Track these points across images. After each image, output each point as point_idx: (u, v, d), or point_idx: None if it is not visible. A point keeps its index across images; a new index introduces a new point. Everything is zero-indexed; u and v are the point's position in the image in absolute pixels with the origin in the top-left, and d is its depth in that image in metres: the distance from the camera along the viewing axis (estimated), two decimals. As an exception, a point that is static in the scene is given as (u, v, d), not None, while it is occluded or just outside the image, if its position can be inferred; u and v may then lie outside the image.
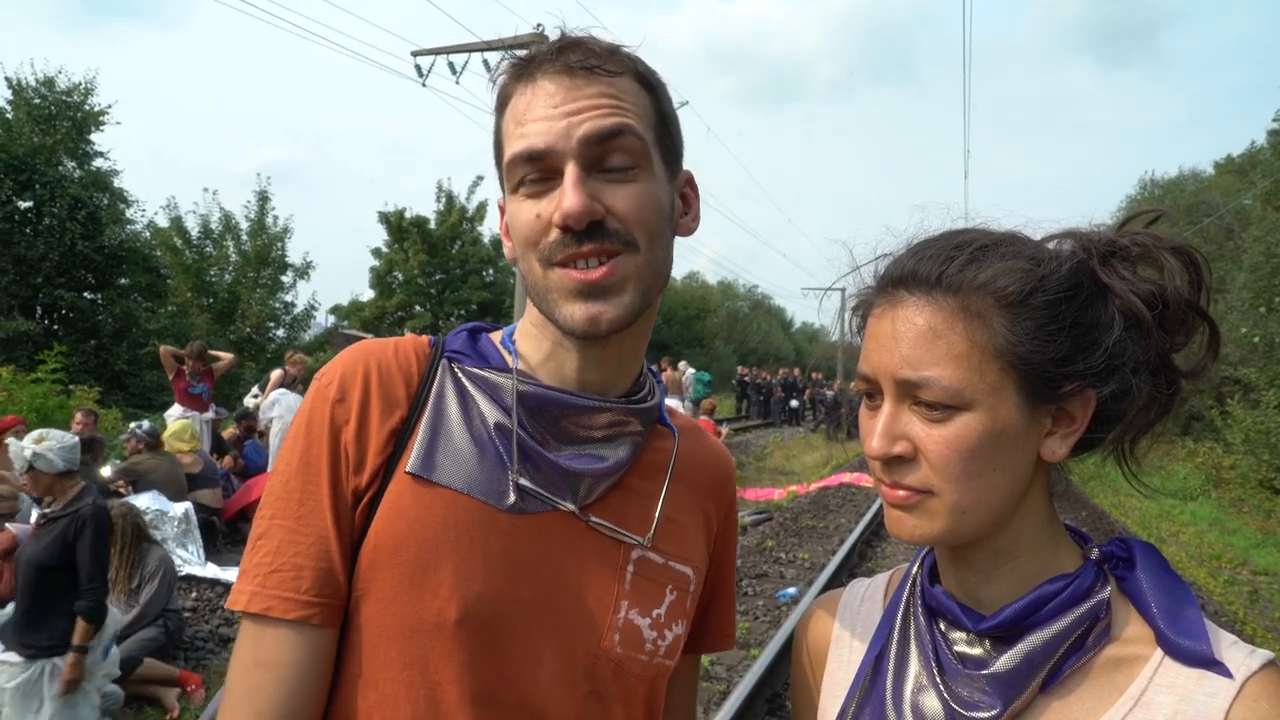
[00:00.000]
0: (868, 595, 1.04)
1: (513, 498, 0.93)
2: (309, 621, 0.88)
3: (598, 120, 0.88)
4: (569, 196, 0.86)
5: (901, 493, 0.81)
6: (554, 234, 0.89)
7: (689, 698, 1.17)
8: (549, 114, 0.88)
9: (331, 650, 0.91)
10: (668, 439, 1.08)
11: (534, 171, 0.90)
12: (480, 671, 0.90)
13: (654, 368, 1.10)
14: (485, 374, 0.97)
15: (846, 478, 14.96)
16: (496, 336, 1.05)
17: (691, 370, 20.95)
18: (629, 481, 1.01)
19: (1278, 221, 18.11)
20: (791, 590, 7.52)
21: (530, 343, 1.00)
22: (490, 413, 0.95)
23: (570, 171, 0.87)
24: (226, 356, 10.25)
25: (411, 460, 0.92)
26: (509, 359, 0.99)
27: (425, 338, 1.03)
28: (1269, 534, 12.50)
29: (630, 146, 0.89)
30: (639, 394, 1.03)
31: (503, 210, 0.98)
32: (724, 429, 17.76)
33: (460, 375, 0.98)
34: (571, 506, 0.95)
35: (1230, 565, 10.45)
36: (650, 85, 0.95)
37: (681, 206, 1.00)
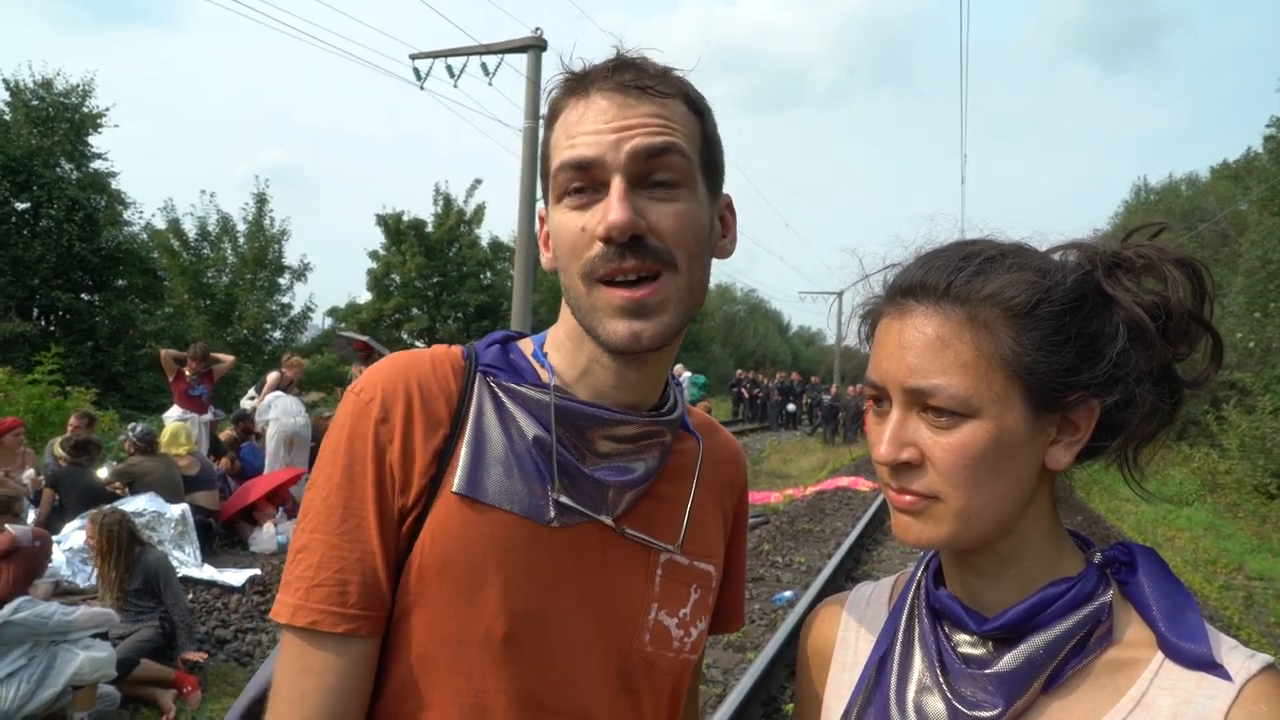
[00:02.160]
0: (873, 598, 1.05)
1: (553, 513, 0.95)
2: (355, 634, 0.91)
3: (647, 137, 0.90)
4: (615, 209, 0.88)
5: (908, 498, 0.83)
6: (597, 247, 0.90)
7: (696, 677, 1.21)
8: (599, 128, 0.90)
9: (375, 659, 0.93)
10: (691, 443, 1.11)
11: (579, 181, 0.91)
12: (526, 679, 0.93)
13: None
14: (523, 390, 0.98)
15: (843, 481, 14.98)
16: (527, 348, 1.06)
17: (688, 374, 20.97)
18: (658, 488, 1.04)
19: (1273, 227, 18.18)
20: (788, 594, 7.52)
21: (565, 356, 1.01)
22: (529, 428, 0.97)
23: (616, 184, 0.89)
24: (227, 359, 10.25)
25: (457, 480, 0.94)
26: (543, 374, 1.01)
27: (458, 349, 1.04)
28: (1264, 539, 12.53)
29: (676, 165, 0.91)
30: (666, 405, 1.05)
31: (543, 220, 1.01)
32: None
33: (498, 391, 0.99)
34: (608, 519, 0.98)
35: (1225, 570, 10.47)
36: (699, 109, 0.97)
37: (720, 229, 1.02)
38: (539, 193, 1.03)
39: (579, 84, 0.94)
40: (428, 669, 0.92)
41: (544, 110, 0.99)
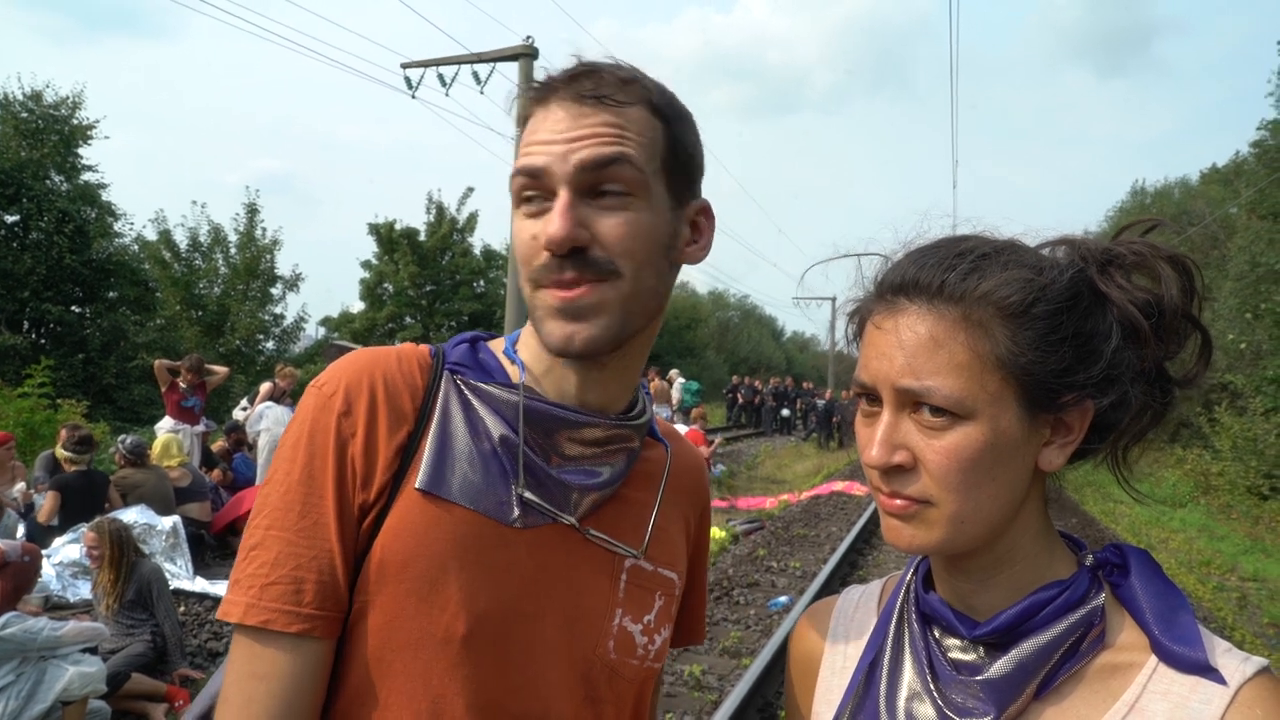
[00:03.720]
0: (861, 602, 1.04)
1: (516, 512, 0.94)
2: (310, 634, 0.88)
3: (595, 148, 0.90)
4: (555, 221, 0.89)
5: (900, 502, 0.81)
6: (543, 256, 0.91)
7: (655, 691, 1.20)
8: (552, 138, 0.91)
9: (329, 661, 0.91)
10: (659, 450, 1.11)
11: (532, 189, 0.92)
12: (485, 683, 0.91)
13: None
14: (489, 388, 0.98)
15: (838, 486, 14.98)
16: (497, 346, 1.06)
17: (681, 380, 20.96)
18: (624, 493, 1.04)
19: (1262, 230, 18.29)
20: (783, 599, 7.50)
21: (533, 354, 1.01)
22: (495, 427, 0.96)
23: (561, 197, 0.90)
24: (221, 370, 10.21)
25: (420, 477, 0.92)
26: (513, 371, 1.01)
27: (425, 347, 1.03)
28: (1257, 540, 12.57)
29: (625, 176, 0.91)
30: (634, 409, 1.05)
31: None
32: (716, 439, 17.73)
33: (464, 388, 0.99)
34: (571, 520, 0.97)
35: (1219, 571, 10.49)
36: (666, 116, 0.96)
37: (690, 235, 1.01)
38: None
39: (541, 92, 0.95)
40: (383, 673, 0.90)
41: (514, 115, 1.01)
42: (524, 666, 0.93)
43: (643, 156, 0.92)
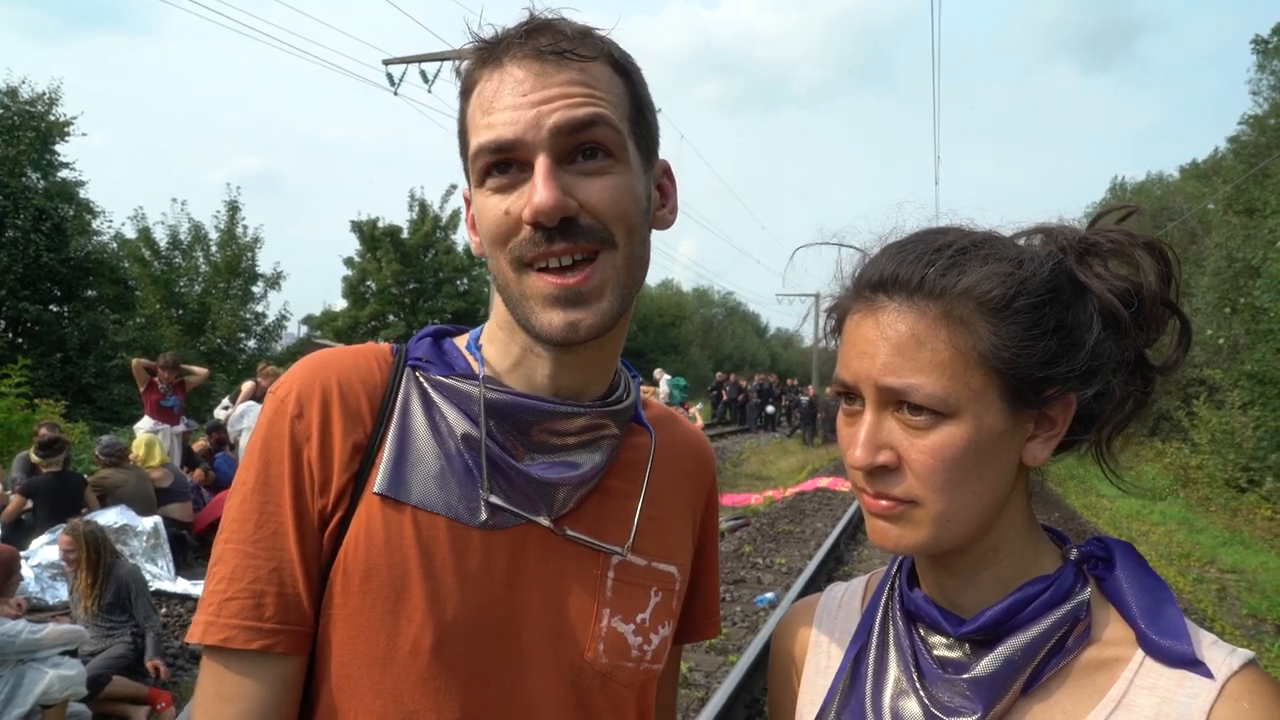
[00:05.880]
0: (845, 599, 1.03)
1: (484, 514, 0.89)
2: (271, 651, 0.84)
3: (570, 110, 0.83)
4: (540, 191, 0.82)
5: (885, 503, 0.80)
6: (524, 231, 0.84)
7: (672, 688, 1.15)
8: (517, 102, 0.83)
9: (298, 679, 0.87)
10: (644, 436, 1.04)
11: (502, 163, 0.85)
12: (460, 696, 0.86)
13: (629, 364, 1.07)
14: (451, 382, 0.92)
15: (823, 482, 15.03)
16: (462, 341, 1.01)
17: (667, 376, 20.98)
18: (607, 484, 0.98)
19: (1238, 226, 18.50)
20: (769, 595, 7.52)
21: (497, 347, 0.96)
22: (458, 424, 0.91)
23: (541, 164, 0.83)
24: (201, 371, 10.10)
25: (379, 480, 0.88)
26: (475, 365, 0.95)
27: (387, 345, 0.98)
28: (1235, 532, 12.71)
29: (605, 138, 0.85)
30: (614, 395, 0.99)
31: (469, 202, 0.94)
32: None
33: (425, 384, 0.94)
34: (545, 521, 0.91)
35: (1199, 564, 10.60)
36: (625, 71, 0.89)
37: (659, 198, 0.96)
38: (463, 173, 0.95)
39: (491, 52, 0.86)
40: (352, 690, 0.85)
41: (458, 84, 0.92)
42: (502, 677, 0.89)
43: (616, 115, 0.86)
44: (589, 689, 0.93)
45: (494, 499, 0.89)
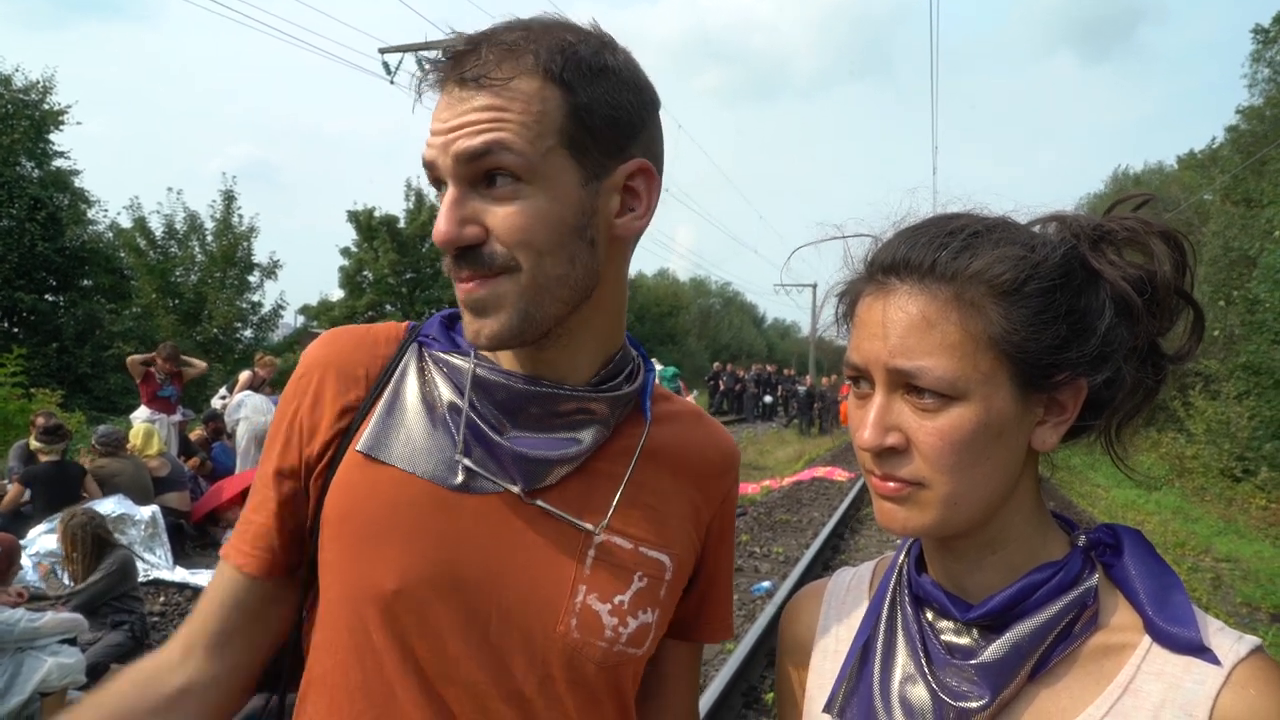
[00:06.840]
0: (853, 585, 1.03)
1: (460, 477, 0.93)
2: (242, 569, 0.99)
3: (467, 139, 0.84)
4: (439, 222, 0.87)
5: (892, 485, 0.80)
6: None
7: (687, 688, 1.15)
8: (437, 129, 0.87)
9: (263, 602, 1.00)
10: (641, 425, 1.04)
11: (438, 180, 0.90)
12: (418, 644, 0.91)
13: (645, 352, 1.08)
14: (449, 357, 0.98)
15: (820, 472, 15.08)
16: None
17: (659, 366, 20.96)
18: (595, 465, 0.98)
19: (1235, 216, 18.52)
20: (766, 584, 7.55)
21: None
22: (447, 394, 0.97)
23: (449, 192, 0.87)
24: (199, 364, 10.06)
25: (362, 439, 0.96)
26: None
27: (405, 324, 1.06)
28: (1230, 521, 12.78)
29: (507, 163, 0.85)
30: (611, 380, 1.00)
31: None
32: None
33: (426, 358, 1.01)
34: (517, 489, 0.93)
35: (1194, 553, 10.65)
36: (566, 81, 0.86)
37: (625, 203, 0.94)
38: None
39: (433, 78, 0.90)
40: (333, 624, 0.95)
41: None
42: (463, 633, 0.91)
43: (525, 137, 0.85)
44: (555, 660, 0.94)
45: (467, 462, 0.94)
